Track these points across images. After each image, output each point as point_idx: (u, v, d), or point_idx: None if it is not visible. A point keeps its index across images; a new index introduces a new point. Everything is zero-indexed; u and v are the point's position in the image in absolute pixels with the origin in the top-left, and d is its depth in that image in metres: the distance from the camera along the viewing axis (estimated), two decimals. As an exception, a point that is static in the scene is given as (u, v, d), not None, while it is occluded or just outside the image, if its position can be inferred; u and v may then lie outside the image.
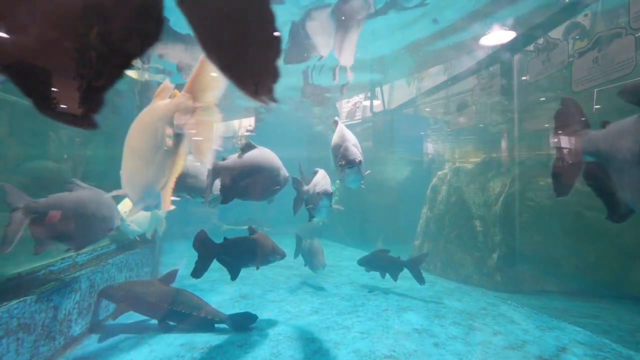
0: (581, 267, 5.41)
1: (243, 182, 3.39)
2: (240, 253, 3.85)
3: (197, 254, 3.77)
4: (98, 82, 0.76)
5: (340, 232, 11.04)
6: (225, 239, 3.90)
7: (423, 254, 5.91)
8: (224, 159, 3.35)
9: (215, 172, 3.32)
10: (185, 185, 3.64)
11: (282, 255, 4.01)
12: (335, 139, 3.36)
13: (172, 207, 3.02)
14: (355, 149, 3.15)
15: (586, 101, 5.24)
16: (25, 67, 0.74)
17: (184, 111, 1.84)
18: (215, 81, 1.76)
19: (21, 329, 2.88)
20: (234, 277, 3.84)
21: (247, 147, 3.47)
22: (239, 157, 3.35)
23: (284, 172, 3.55)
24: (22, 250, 3.02)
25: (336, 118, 3.71)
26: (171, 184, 2.00)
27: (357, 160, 3.08)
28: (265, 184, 3.45)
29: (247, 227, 4.23)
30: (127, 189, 2.23)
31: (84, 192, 3.28)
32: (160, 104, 2.02)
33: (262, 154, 3.53)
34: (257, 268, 4.02)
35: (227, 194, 3.36)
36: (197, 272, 3.69)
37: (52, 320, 3.28)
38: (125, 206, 4.68)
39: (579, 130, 2.14)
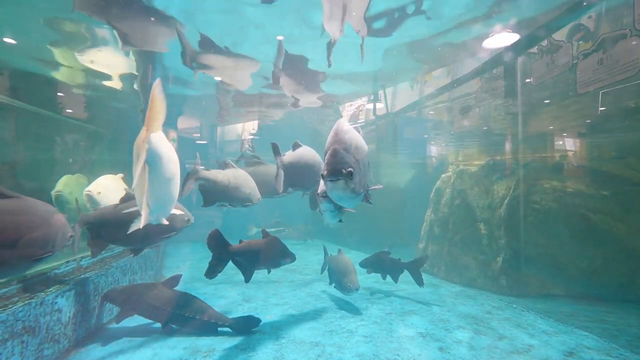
0: (588, 271, 5.34)
1: (299, 175, 4.01)
2: (254, 256, 3.92)
3: (211, 253, 3.81)
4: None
5: (344, 234, 11.01)
6: (240, 241, 4.01)
7: (424, 256, 5.88)
8: (283, 155, 3.88)
9: (280, 167, 3.90)
10: (227, 195, 4.15)
11: (293, 259, 4.08)
12: (327, 139, 2.58)
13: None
14: (343, 156, 2.31)
15: (591, 103, 5.21)
16: None
17: (142, 139, 2.21)
18: (159, 113, 2.17)
19: (26, 332, 2.89)
20: (247, 279, 3.92)
21: (296, 145, 4.13)
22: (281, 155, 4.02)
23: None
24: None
25: (343, 114, 3.37)
26: (141, 201, 2.33)
27: (342, 172, 2.23)
28: (314, 176, 3.90)
29: (276, 229, 4.48)
30: (138, 204, 2.57)
31: (132, 202, 3.58)
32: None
33: (309, 150, 4.08)
34: (269, 272, 4.13)
35: (288, 185, 3.98)
36: (211, 273, 3.71)
37: (56, 323, 3.29)
38: (96, 187, 4.76)
39: None
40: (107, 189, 4.80)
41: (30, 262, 2.48)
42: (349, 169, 2.26)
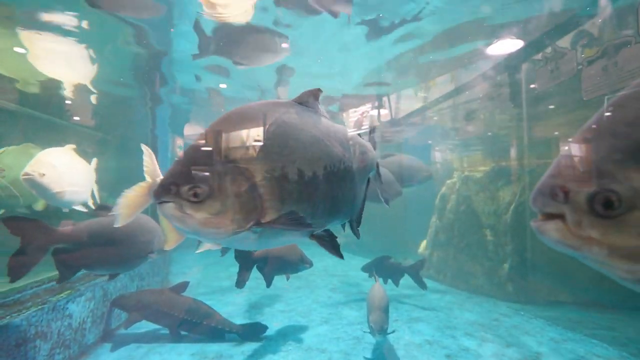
0: (596, 278, 5.29)
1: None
2: (275, 261, 4.02)
3: (238, 265, 3.92)
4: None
5: (348, 241, 11.01)
6: None
7: (422, 259, 5.87)
8: None
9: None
10: None
11: (310, 264, 4.17)
12: None
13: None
14: (193, 162, 1.46)
15: (595, 110, 5.20)
16: None
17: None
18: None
19: (38, 337, 2.94)
20: (269, 284, 4.01)
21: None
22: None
23: None
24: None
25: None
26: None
27: (171, 189, 1.38)
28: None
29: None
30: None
31: None
32: None
33: (406, 157, 4.59)
34: (288, 279, 4.21)
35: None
36: (241, 282, 3.82)
37: (67, 328, 3.34)
38: (38, 166, 3.40)
39: None
40: (55, 168, 3.47)
41: (139, 259, 3.02)
42: (193, 187, 1.35)
